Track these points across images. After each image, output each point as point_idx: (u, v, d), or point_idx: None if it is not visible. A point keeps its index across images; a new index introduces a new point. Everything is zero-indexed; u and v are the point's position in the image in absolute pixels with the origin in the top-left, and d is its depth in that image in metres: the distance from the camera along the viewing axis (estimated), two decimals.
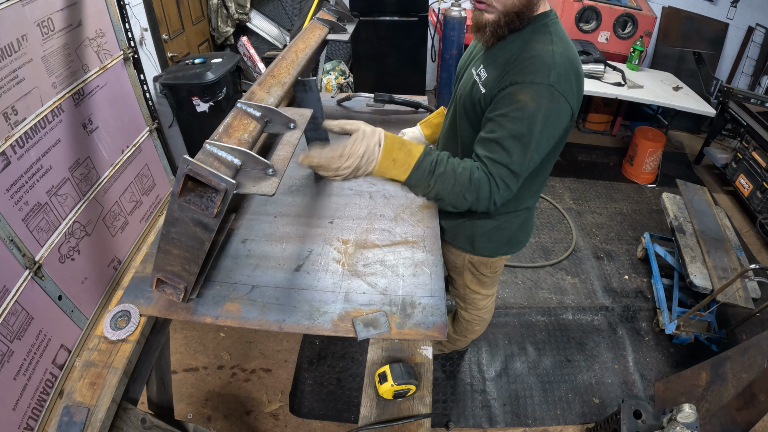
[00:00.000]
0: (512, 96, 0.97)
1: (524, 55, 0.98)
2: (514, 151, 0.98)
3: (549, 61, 0.96)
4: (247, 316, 1.05)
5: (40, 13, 1.70)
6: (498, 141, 0.98)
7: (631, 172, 3.54)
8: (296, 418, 1.91)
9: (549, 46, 0.98)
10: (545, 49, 0.97)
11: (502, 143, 0.98)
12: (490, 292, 1.66)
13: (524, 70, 0.96)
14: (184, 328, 2.23)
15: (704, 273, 2.16)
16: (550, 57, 0.96)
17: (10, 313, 1.58)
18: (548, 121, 0.97)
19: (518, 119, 0.96)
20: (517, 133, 0.96)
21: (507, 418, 1.96)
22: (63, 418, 0.87)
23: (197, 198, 0.80)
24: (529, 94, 0.95)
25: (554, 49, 0.97)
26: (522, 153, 0.98)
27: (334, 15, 1.55)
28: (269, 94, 1.03)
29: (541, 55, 0.97)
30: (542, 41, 0.99)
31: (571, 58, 0.99)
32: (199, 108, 2.66)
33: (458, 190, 0.99)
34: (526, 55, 0.98)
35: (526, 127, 0.96)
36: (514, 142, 0.97)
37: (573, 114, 1.01)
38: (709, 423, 1.63)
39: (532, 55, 0.97)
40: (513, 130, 0.97)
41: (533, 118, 0.95)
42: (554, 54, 0.96)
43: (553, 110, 0.97)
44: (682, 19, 3.87)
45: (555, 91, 0.95)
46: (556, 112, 0.97)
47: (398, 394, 0.91)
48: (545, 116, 0.96)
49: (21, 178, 1.66)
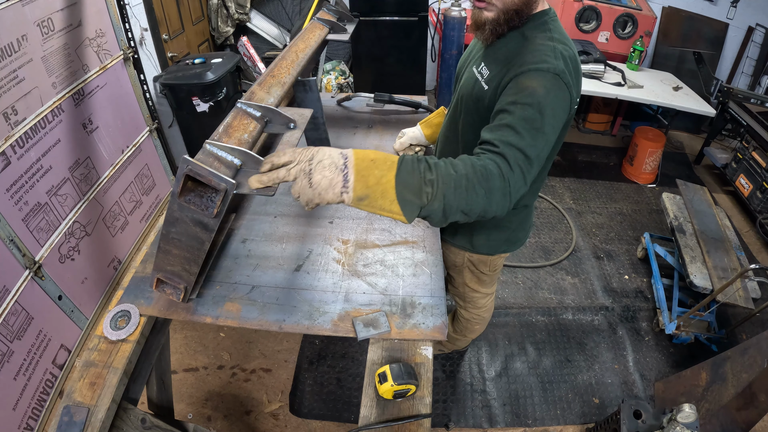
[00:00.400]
0: (519, 84, 0.95)
1: (527, 48, 0.99)
2: (527, 135, 0.90)
3: (551, 53, 0.97)
4: (247, 316, 1.05)
5: (40, 13, 1.70)
6: (510, 125, 0.90)
7: (631, 172, 3.54)
8: (296, 418, 1.91)
9: (549, 42, 0.99)
10: (546, 44, 0.98)
11: (515, 127, 0.90)
12: (489, 291, 1.67)
13: (529, 60, 0.97)
14: (184, 328, 2.23)
15: (704, 273, 2.16)
16: (551, 50, 0.97)
17: (10, 313, 1.58)
18: (555, 108, 0.95)
19: (529, 105, 0.92)
20: (528, 117, 0.91)
21: (507, 418, 1.95)
22: (63, 418, 0.87)
23: (197, 198, 0.80)
24: (537, 80, 0.94)
25: (555, 45, 0.98)
26: (534, 137, 0.90)
27: (334, 15, 1.55)
28: (269, 94, 1.03)
29: (544, 49, 0.98)
30: (543, 37, 1.00)
31: (571, 54, 1.00)
32: (199, 108, 2.66)
33: (464, 182, 0.81)
34: (528, 48, 0.99)
35: (537, 111, 0.91)
36: (526, 126, 0.90)
37: (573, 105, 1.01)
38: (709, 423, 1.63)
39: (534, 48, 0.98)
40: (525, 114, 0.91)
41: (543, 104, 0.92)
42: (555, 49, 0.98)
43: (559, 97, 0.95)
44: (682, 19, 3.87)
45: (559, 79, 0.94)
46: (561, 99, 0.96)
47: (398, 394, 0.91)
48: (553, 102, 0.94)
49: (21, 178, 1.66)
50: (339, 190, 0.77)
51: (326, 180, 0.76)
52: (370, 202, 0.78)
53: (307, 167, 0.77)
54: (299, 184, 0.78)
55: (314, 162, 0.78)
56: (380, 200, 0.78)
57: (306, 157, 0.78)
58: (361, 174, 0.78)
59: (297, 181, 0.78)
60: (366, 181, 0.77)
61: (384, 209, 0.79)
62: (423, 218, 0.84)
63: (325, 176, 0.76)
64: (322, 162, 0.78)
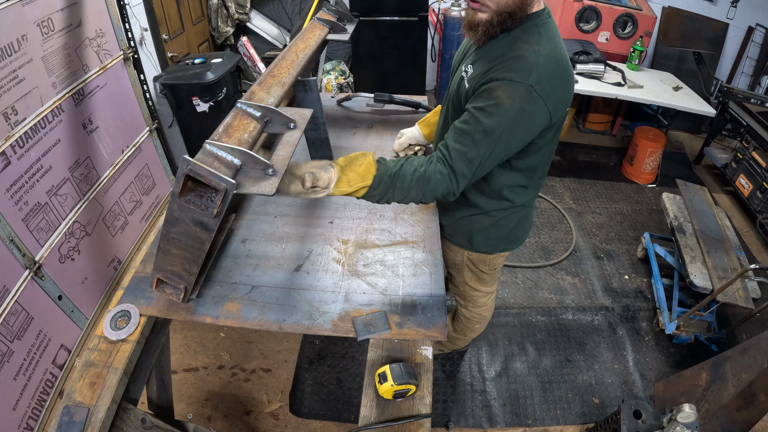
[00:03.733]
0: (491, 91, 0.98)
1: (509, 54, 1.00)
2: (481, 144, 1.00)
3: (532, 61, 0.96)
4: (247, 316, 1.05)
5: (40, 13, 1.70)
6: (468, 132, 1.00)
7: (631, 172, 3.54)
8: (296, 418, 1.91)
9: (535, 46, 0.98)
10: (530, 49, 0.98)
11: (473, 136, 1.00)
12: (489, 290, 1.67)
13: (506, 67, 0.98)
14: (184, 328, 2.23)
15: (704, 273, 2.16)
16: (534, 57, 0.97)
17: (10, 313, 1.58)
18: (521, 121, 0.99)
19: (492, 115, 0.97)
20: (489, 128, 0.98)
21: (507, 418, 1.95)
22: (63, 418, 0.87)
23: (197, 198, 0.80)
24: (507, 91, 0.96)
25: (539, 50, 0.98)
26: (489, 148, 1.00)
27: (334, 15, 1.55)
28: (269, 94, 1.03)
29: (525, 55, 0.97)
30: (529, 41, 1.00)
31: (558, 59, 1.00)
32: (199, 108, 2.66)
33: (406, 190, 1.03)
34: (510, 54, 0.99)
35: (497, 123, 0.97)
36: (484, 136, 0.99)
37: (551, 116, 1.01)
38: (709, 423, 1.63)
39: (516, 54, 0.99)
40: (486, 125, 0.98)
41: (506, 116, 0.97)
42: (539, 54, 0.97)
43: (528, 110, 0.98)
44: (682, 19, 3.87)
45: (533, 91, 0.96)
46: (530, 113, 0.98)
47: (398, 394, 0.91)
48: (518, 115, 0.98)
49: (21, 178, 1.66)
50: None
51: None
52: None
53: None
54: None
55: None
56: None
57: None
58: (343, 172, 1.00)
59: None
60: (346, 178, 1.00)
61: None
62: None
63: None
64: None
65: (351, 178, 0.99)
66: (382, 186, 1.01)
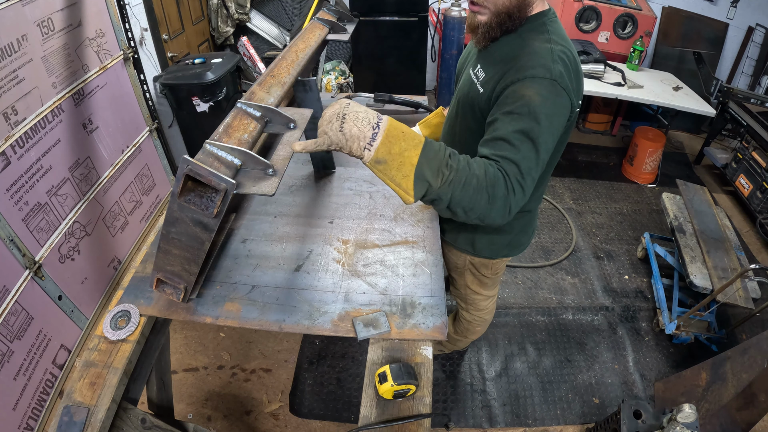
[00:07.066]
0: (516, 93, 0.94)
1: (523, 52, 0.98)
2: (523, 147, 0.90)
3: (549, 57, 0.95)
4: (247, 316, 1.05)
5: (40, 13, 1.70)
6: (505, 138, 0.91)
7: (631, 172, 3.54)
8: (296, 418, 1.91)
9: (547, 44, 0.97)
10: (544, 47, 0.97)
11: (510, 140, 0.90)
12: (491, 293, 1.66)
13: (525, 66, 0.95)
14: (184, 328, 2.23)
15: (704, 273, 2.16)
16: (549, 54, 0.96)
17: (10, 313, 1.58)
18: (553, 116, 0.94)
19: (525, 115, 0.91)
20: (524, 128, 0.90)
21: (507, 418, 1.95)
22: (63, 418, 0.87)
23: (197, 198, 0.80)
24: (533, 89, 0.92)
25: (553, 47, 0.97)
26: (531, 149, 0.90)
27: (334, 15, 1.55)
28: (269, 94, 1.03)
29: (541, 52, 0.96)
30: (540, 39, 0.99)
31: (570, 56, 0.99)
32: (199, 108, 2.66)
33: (474, 182, 0.84)
34: (525, 52, 0.98)
35: (533, 121, 0.90)
36: (522, 138, 0.90)
37: (573, 110, 1.00)
38: (709, 423, 1.63)
39: (531, 51, 0.97)
40: (521, 126, 0.90)
41: (539, 113, 0.90)
42: (553, 51, 0.96)
43: (557, 104, 0.94)
44: (682, 19, 3.87)
45: (557, 84, 0.93)
46: (559, 106, 0.95)
47: (398, 394, 0.91)
48: (551, 110, 0.93)
49: (21, 178, 1.66)
50: (363, 144, 0.80)
51: (356, 130, 0.79)
52: (385, 169, 0.82)
53: (341, 112, 0.80)
54: (331, 126, 0.80)
55: (349, 110, 0.81)
56: (395, 171, 0.82)
57: (343, 103, 0.82)
58: (389, 139, 0.80)
59: (330, 123, 0.80)
60: (390, 148, 0.80)
61: (394, 180, 0.83)
62: (429, 202, 0.87)
63: (357, 127, 0.80)
64: (357, 113, 0.81)
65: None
66: (438, 147, 0.84)
